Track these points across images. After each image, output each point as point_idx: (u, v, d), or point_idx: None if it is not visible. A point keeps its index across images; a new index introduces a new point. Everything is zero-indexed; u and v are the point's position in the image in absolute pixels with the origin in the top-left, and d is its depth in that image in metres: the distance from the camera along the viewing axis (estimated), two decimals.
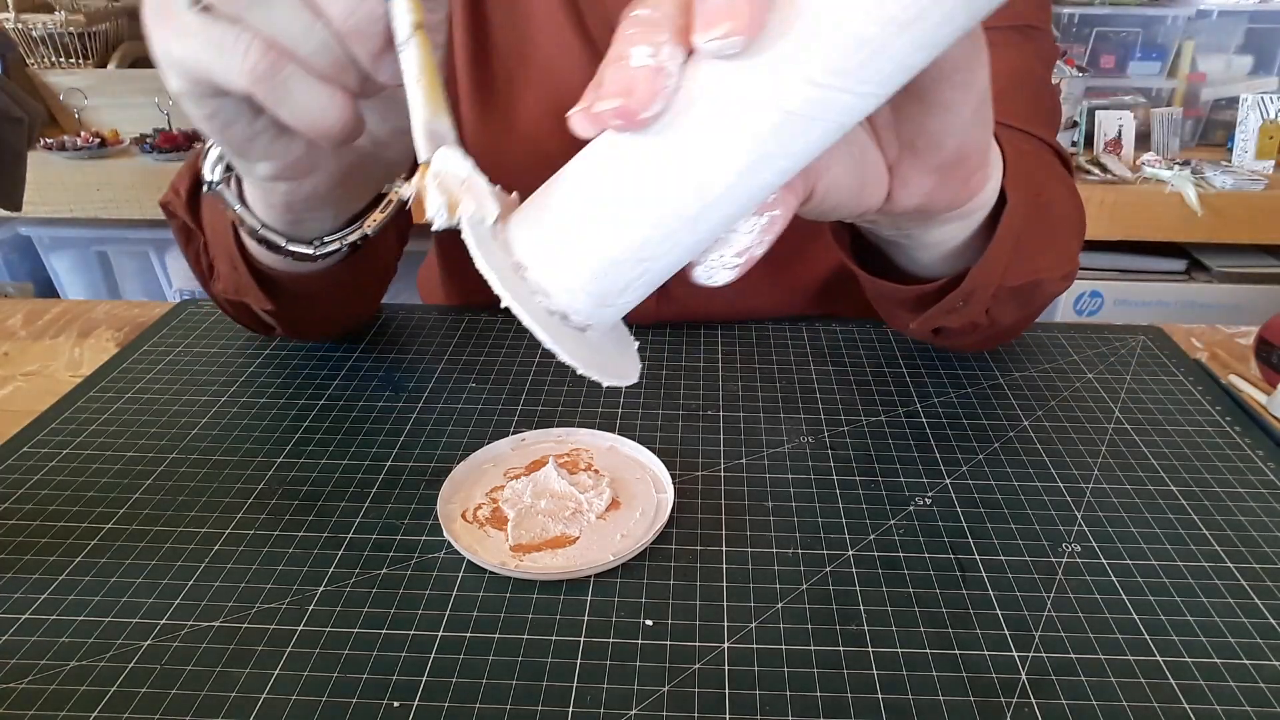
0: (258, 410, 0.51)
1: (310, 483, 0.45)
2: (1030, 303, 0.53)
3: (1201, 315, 1.59)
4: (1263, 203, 1.52)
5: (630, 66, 0.24)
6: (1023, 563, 0.40)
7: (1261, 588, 0.38)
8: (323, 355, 0.57)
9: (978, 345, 0.56)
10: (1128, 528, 0.42)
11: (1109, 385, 0.54)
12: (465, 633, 0.36)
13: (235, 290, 0.51)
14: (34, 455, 0.47)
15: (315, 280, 0.50)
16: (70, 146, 1.58)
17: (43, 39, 1.67)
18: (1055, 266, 0.51)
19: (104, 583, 0.38)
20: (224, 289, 0.52)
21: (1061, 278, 0.52)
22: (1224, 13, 1.71)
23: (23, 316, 0.65)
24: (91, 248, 1.75)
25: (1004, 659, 0.35)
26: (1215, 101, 1.73)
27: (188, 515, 0.43)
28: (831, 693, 0.33)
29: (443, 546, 0.40)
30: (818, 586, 0.38)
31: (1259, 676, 0.34)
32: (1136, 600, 0.38)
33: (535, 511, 0.42)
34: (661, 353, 0.58)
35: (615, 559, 0.39)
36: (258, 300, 0.50)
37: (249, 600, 0.37)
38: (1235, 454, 0.47)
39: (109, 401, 0.52)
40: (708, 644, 0.35)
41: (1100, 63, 1.75)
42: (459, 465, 0.45)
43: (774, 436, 0.49)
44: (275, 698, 0.33)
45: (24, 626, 0.36)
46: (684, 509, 0.43)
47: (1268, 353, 0.55)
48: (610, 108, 0.24)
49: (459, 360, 0.57)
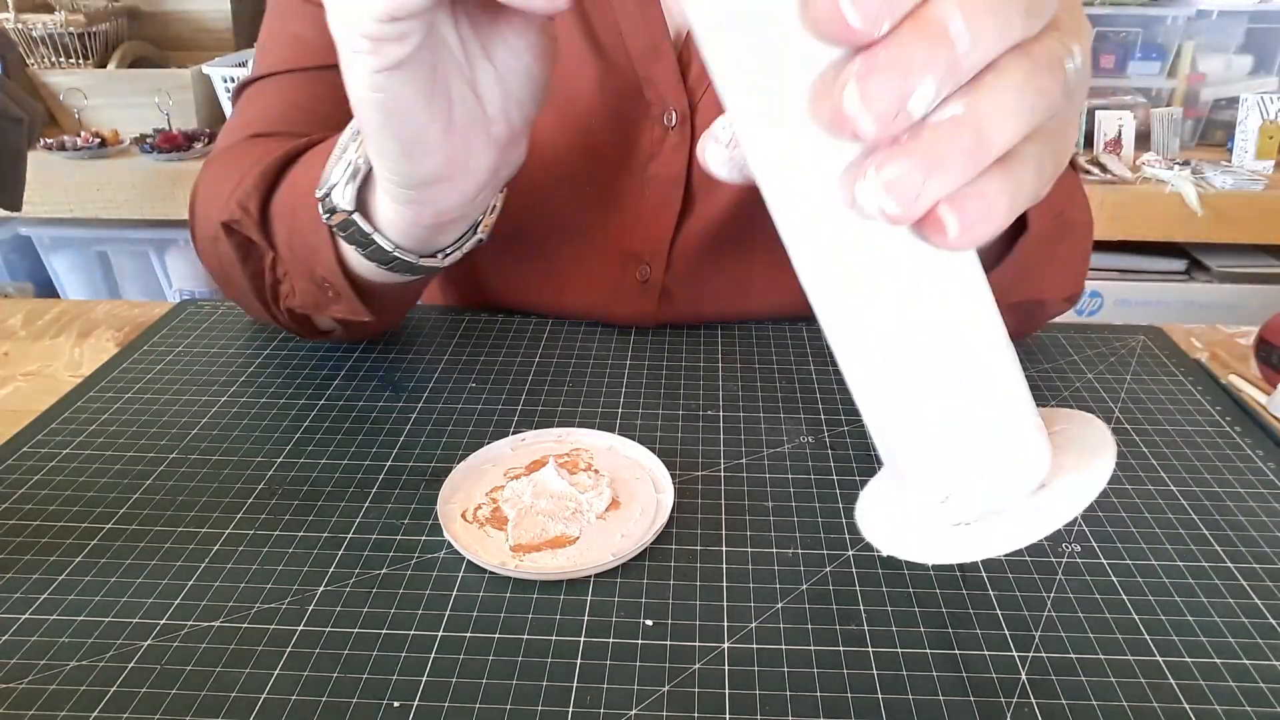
0: (258, 410, 0.51)
1: (310, 483, 0.45)
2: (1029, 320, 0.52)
3: (1201, 315, 1.59)
4: (1263, 203, 1.52)
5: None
6: (1023, 563, 0.40)
7: (1261, 588, 0.38)
8: (323, 355, 0.57)
9: None
10: (1128, 528, 0.42)
11: (1109, 385, 0.54)
12: (465, 633, 0.36)
13: (315, 306, 0.52)
14: (34, 455, 0.47)
15: (410, 286, 0.52)
16: (70, 146, 1.58)
17: (43, 39, 1.67)
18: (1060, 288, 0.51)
19: (104, 583, 0.38)
20: (300, 304, 0.52)
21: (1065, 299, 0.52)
22: (1224, 13, 1.71)
23: (23, 316, 0.65)
24: (91, 248, 1.75)
25: (1004, 659, 0.35)
26: (1215, 101, 1.73)
27: (188, 515, 0.43)
28: (831, 693, 0.33)
29: (443, 546, 0.40)
30: (818, 586, 0.38)
31: (1259, 676, 0.34)
32: (1136, 600, 0.38)
33: (535, 511, 0.42)
34: (661, 353, 0.58)
35: (615, 559, 0.39)
36: (355, 313, 0.50)
37: (249, 600, 0.37)
38: (1235, 454, 0.47)
39: (109, 401, 0.52)
40: (708, 644, 0.35)
41: (1100, 63, 1.75)
42: (459, 465, 0.45)
43: (774, 436, 0.49)
44: (275, 698, 0.33)
45: (24, 626, 0.36)
46: (684, 509, 0.43)
47: (1268, 353, 0.55)
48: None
49: (459, 360, 0.57)
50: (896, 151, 0.20)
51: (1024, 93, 0.21)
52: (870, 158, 0.20)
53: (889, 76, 0.19)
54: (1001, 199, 0.21)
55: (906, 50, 0.19)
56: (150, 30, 1.86)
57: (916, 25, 0.19)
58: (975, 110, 0.20)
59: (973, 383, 0.22)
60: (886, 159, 0.20)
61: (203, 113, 1.71)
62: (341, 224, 0.44)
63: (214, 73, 1.66)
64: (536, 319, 0.62)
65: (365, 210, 0.44)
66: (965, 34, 0.19)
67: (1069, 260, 0.51)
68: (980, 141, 0.20)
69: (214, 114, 1.74)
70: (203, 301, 0.64)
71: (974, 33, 0.19)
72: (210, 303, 0.64)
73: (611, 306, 0.61)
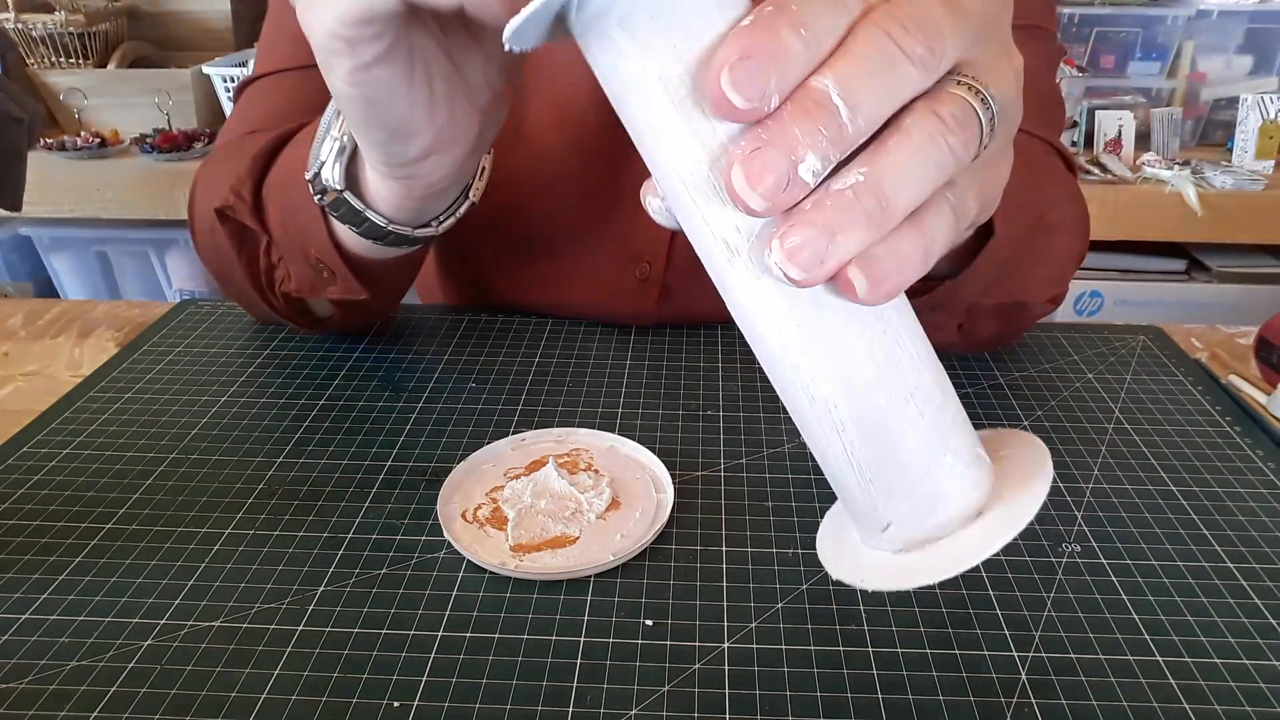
0: (258, 410, 0.51)
1: (310, 483, 0.45)
2: (1012, 322, 0.52)
3: (1201, 315, 1.59)
4: (1263, 203, 1.51)
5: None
6: (1023, 563, 0.40)
7: (1261, 588, 0.38)
8: (323, 355, 0.57)
9: (956, 350, 0.57)
10: (1128, 528, 0.42)
11: (1109, 385, 0.54)
12: (465, 633, 0.36)
13: (311, 288, 0.51)
14: (34, 455, 0.47)
15: (406, 261, 0.52)
16: (70, 146, 1.58)
17: (43, 39, 1.67)
18: (1042, 290, 0.51)
19: (104, 583, 0.38)
20: (296, 287, 0.52)
21: (1048, 300, 0.52)
22: (1224, 13, 1.71)
23: (23, 316, 0.65)
24: (91, 248, 1.75)
25: (1004, 659, 0.35)
26: (1215, 101, 1.73)
27: (188, 515, 0.43)
28: (831, 693, 0.33)
29: (443, 546, 0.40)
30: (818, 586, 0.38)
31: (1259, 676, 0.34)
32: (1136, 600, 0.38)
33: (535, 511, 0.42)
34: (661, 353, 0.58)
35: (615, 559, 0.39)
36: (351, 291, 0.50)
37: (249, 600, 0.37)
38: (1235, 454, 0.47)
39: (109, 401, 0.52)
40: (708, 644, 0.35)
41: (1100, 63, 1.75)
42: (459, 465, 0.45)
43: (774, 436, 0.49)
44: (275, 698, 0.33)
45: (24, 626, 0.36)
46: (684, 509, 0.43)
47: (1268, 353, 0.55)
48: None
49: (459, 360, 0.57)
50: (798, 219, 0.20)
51: (929, 151, 0.21)
52: (778, 225, 0.20)
53: (772, 153, 0.19)
54: (914, 253, 0.21)
55: (787, 126, 0.19)
56: (150, 30, 1.86)
57: (796, 99, 0.19)
58: (876, 175, 0.20)
59: (892, 429, 0.23)
60: (789, 229, 0.20)
61: (203, 113, 1.71)
62: (333, 203, 0.44)
63: (214, 73, 1.66)
64: (536, 319, 0.62)
65: (355, 186, 0.44)
66: (844, 105, 0.20)
67: (1051, 262, 0.51)
68: (883, 205, 0.20)
69: (214, 114, 1.73)
70: (203, 301, 0.64)
71: (854, 101, 0.20)
72: (210, 303, 0.64)
73: (611, 304, 0.61)
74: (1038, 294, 0.51)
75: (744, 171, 0.19)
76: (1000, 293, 0.48)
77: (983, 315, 0.51)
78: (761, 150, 0.19)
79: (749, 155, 0.19)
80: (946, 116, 0.21)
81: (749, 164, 0.19)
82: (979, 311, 0.51)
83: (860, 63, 0.20)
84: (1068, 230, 0.52)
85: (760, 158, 0.19)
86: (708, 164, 0.20)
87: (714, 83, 0.19)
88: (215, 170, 0.54)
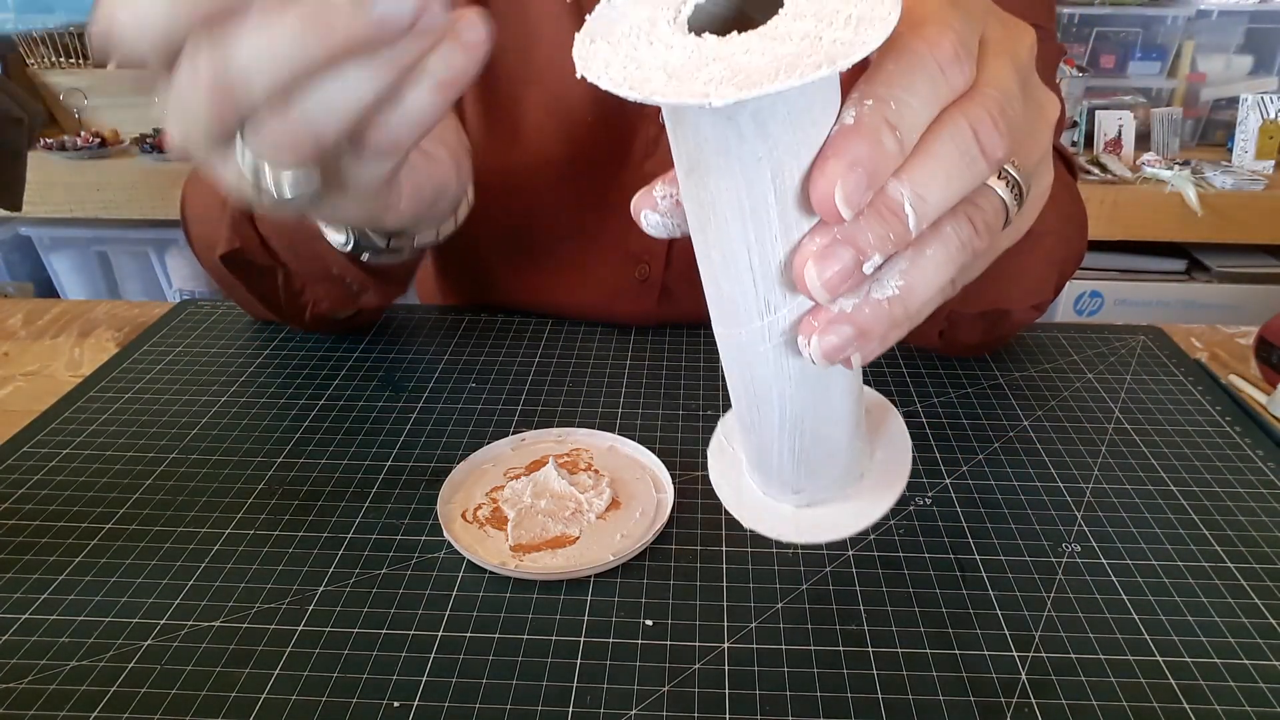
0: (258, 410, 0.51)
1: (310, 483, 0.45)
2: (995, 328, 0.53)
3: (1201, 315, 1.59)
4: (1263, 203, 1.52)
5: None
6: (1023, 563, 0.40)
7: (1261, 588, 0.38)
8: (323, 355, 0.57)
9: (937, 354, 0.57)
10: (1128, 528, 0.42)
11: (1109, 385, 0.54)
12: (465, 633, 0.36)
13: (345, 302, 0.54)
14: (34, 455, 0.47)
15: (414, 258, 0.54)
16: (70, 146, 1.58)
17: (43, 39, 1.67)
18: (1026, 298, 0.51)
19: (104, 583, 0.38)
20: (330, 307, 0.55)
21: (1032, 307, 0.53)
22: (1224, 13, 1.71)
23: (23, 316, 0.65)
24: (91, 248, 1.75)
25: (1004, 659, 0.35)
26: (1215, 101, 1.73)
27: (188, 515, 0.43)
28: (831, 693, 0.33)
29: (443, 546, 0.40)
30: (818, 586, 0.38)
31: (1259, 676, 0.34)
32: (1136, 600, 0.38)
33: (535, 511, 0.42)
34: (661, 353, 0.58)
35: (615, 559, 0.39)
36: (387, 296, 0.54)
37: (249, 600, 0.37)
38: (1235, 454, 0.47)
39: (109, 401, 0.52)
40: (708, 644, 0.35)
41: (1100, 63, 1.75)
42: (459, 465, 0.45)
43: None
44: (275, 698, 0.33)
45: (24, 626, 0.36)
46: (684, 509, 0.43)
47: (1268, 353, 0.55)
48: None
49: (459, 360, 0.57)
50: (839, 320, 0.22)
51: (956, 257, 0.23)
52: (817, 317, 0.22)
53: (845, 251, 0.21)
54: (902, 333, 0.23)
55: (862, 229, 0.21)
56: None
57: (875, 204, 0.21)
58: (909, 288, 0.22)
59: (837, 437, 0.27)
60: (828, 327, 0.22)
61: None
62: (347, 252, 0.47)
63: None
64: (536, 319, 0.62)
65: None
66: (914, 214, 0.21)
67: (1035, 270, 0.51)
68: (908, 314, 0.23)
69: None
70: (203, 301, 0.64)
71: (923, 211, 0.21)
72: (210, 303, 0.64)
73: (611, 305, 0.61)
74: (1020, 302, 0.51)
75: (816, 266, 0.21)
76: (982, 301, 0.48)
77: (964, 322, 0.51)
78: (834, 247, 0.21)
79: (824, 250, 0.21)
80: (979, 224, 0.23)
81: (823, 259, 0.21)
82: (959, 319, 0.51)
83: (939, 168, 0.21)
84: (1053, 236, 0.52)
85: (833, 252, 0.21)
86: (784, 247, 0.22)
87: (827, 193, 0.20)
88: (203, 190, 0.54)
